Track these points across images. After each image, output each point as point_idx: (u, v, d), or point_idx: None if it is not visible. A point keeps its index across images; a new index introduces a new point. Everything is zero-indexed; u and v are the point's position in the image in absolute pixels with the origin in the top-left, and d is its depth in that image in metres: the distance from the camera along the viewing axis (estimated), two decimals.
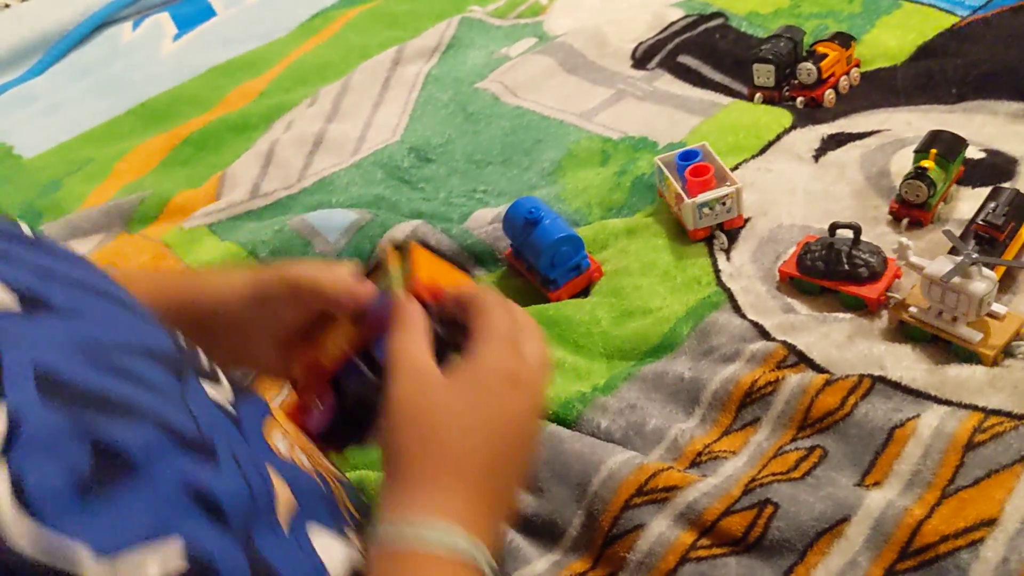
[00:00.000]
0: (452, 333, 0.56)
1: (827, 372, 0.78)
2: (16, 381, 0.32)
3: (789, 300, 0.88)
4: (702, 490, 0.68)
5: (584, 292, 0.97)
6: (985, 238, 0.81)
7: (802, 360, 0.80)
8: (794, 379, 0.76)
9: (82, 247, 1.24)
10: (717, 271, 0.94)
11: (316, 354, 0.60)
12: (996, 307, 0.77)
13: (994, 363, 0.75)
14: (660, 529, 0.67)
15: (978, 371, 0.74)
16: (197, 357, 0.48)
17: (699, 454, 0.74)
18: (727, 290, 0.91)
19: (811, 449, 0.71)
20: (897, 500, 0.65)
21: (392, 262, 0.61)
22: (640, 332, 0.89)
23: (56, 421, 0.32)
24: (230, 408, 0.46)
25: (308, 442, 0.57)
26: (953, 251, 0.78)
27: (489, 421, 0.48)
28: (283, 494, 0.44)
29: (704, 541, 0.66)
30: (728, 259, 0.95)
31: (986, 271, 0.75)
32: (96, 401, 0.34)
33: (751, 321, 0.86)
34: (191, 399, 0.41)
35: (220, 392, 0.47)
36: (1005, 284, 0.82)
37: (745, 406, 0.77)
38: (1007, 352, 0.76)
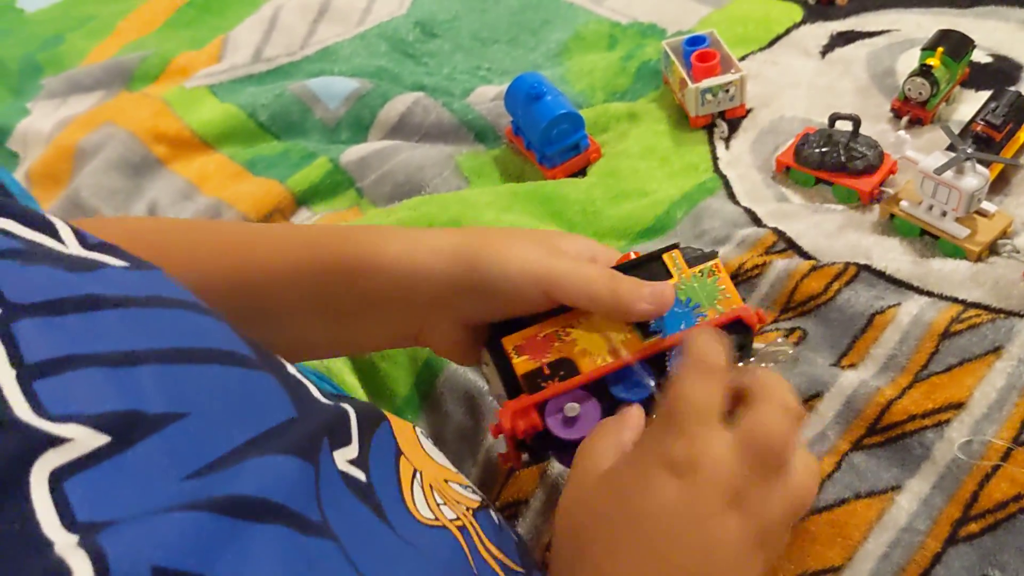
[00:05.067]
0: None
1: (814, 259, 0.79)
2: None
3: (784, 190, 0.89)
4: None
5: (581, 173, 0.97)
6: (983, 137, 0.81)
7: (791, 247, 0.81)
8: (781, 263, 0.77)
9: (83, 103, 1.23)
10: (715, 158, 0.94)
11: (563, 348, 0.52)
12: (986, 205, 0.77)
13: (978, 259, 0.76)
14: None
15: (962, 266, 0.75)
16: (324, 412, 0.42)
17: None
18: (723, 177, 0.91)
19: (791, 330, 0.73)
20: (870, 381, 0.67)
21: (682, 269, 0.53)
22: (634, 213, 0.89)
23: None
24: (361, 476, 0.41)
25: (439, 474, 0.50)
26: (950, 148, 0.78)
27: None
28: None
29: None
30: (727, 147, 0.95)
31: (979, 168, 0.75)
32: None
33: (744, 207, 0.87)
34: (325, 497, 0.36)
35: (350, 452, 0.41)
36: (998, 185, 0.82)
37: None
38: (992, 250, 0.77)
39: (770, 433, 0.41)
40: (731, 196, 0.89)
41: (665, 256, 0.54)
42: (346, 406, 0.43)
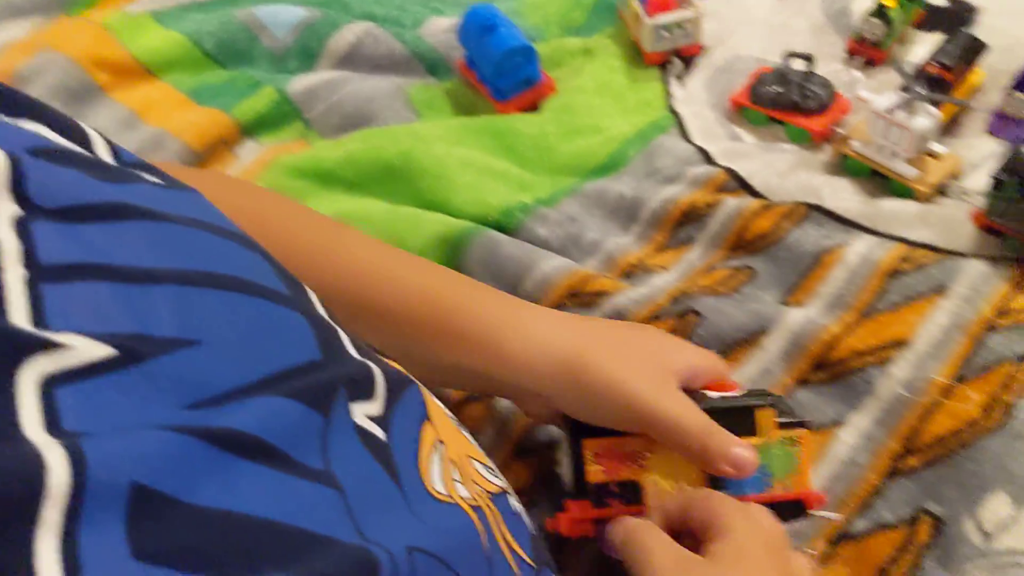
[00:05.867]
0: None
1: (765, 198, 0.79)
2: (100, 517, 0.24)
3: (737, 129, 0.89)
4: (630, 297, 0.70)
5: (534, 108, 0.95)
6: (935, 79, 0.81)
7: (742, 186, 0.81)
8: (732, 202, 0.77)
9: (18, 28, 1.18)
10: (669, 96, 0.93)
11: (637, 471, 0.54)
12: (936, 146, 0.78)
13: (927, 200, 0.76)
14: None
15: (910, 206, 0.75)
16: (350, 364, 0.39)
17: (632, 267, 0.76)
18: (677, 115, 0.91)
19: (740, 268, 0.73)
20: (817, 318, 0.67)
21: (770, 430, 0.54)
22: (587, 150, 0.88)
23: None
24: (380, 434, 0.39)
25: (464, 450, 0.48)
26: (903, 88, 0.78)
27: None
28: None
29: None
30: (681, 85, 0.94)
31: (931, 108, 0.75)
32: (213, 535, 0.27)
33: (697, 146, 0.86)
34: (333, 447, 0.34)
35: (371, 408, 0.39)
36: (949, 127, 0.83)
37: (681, 225, 0.78)
38: (941, 191, 0.77)
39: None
40: (684, 134, 0.88)
41: (759, 412, 0.54)
42: (373, 365, 0.41)
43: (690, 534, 0.49)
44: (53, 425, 0.25)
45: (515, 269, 0.72)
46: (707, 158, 0.85)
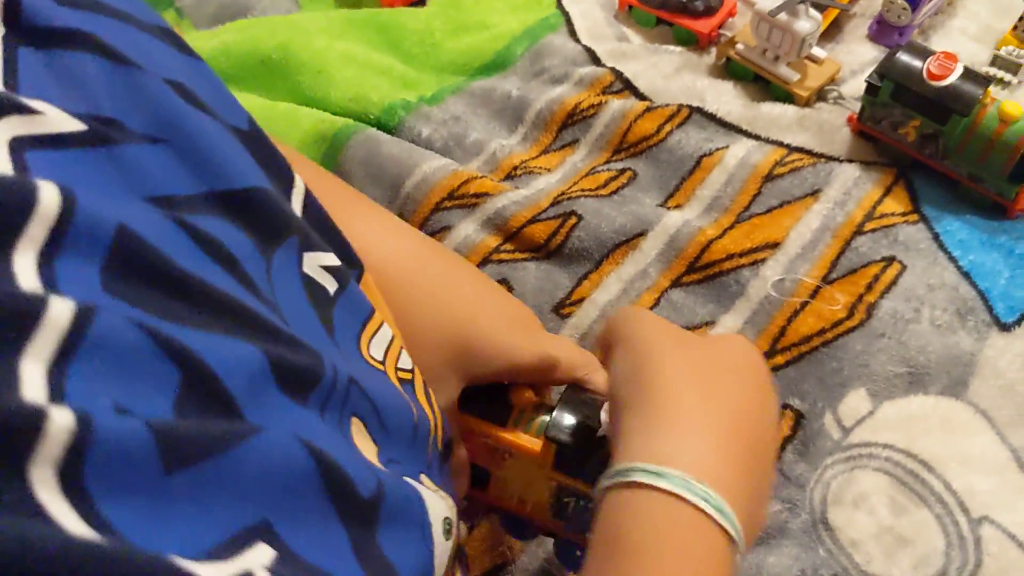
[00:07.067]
0: None
1: (649, 100, 0.78)
2: (82, 249, 0.24)
3: (625, 29, 0.88)
4: (512, 199, 0.69)
5: (421, 2, 0.93)
6: None
7: (627, 87, 0.80)
8: (616, 104, 0.77)
9: None
10: None
11: (493, 462, 0.49)
12: (817, 51, 0.78)
13: (806, 104, 0.77)
14: (467, 231, 0.68)
15: (789, 110, 0.76)
16: (300, 223, 0.38)
17: (515, 168, 0.75)
18: (566, 13, 0.89)
19: (622, 171, 0.73)
20: (694, 221, 0.68)
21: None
22: (474, 47, 0.86)
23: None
24: (330, 287, 0.38)
25: (397, 343, 0.46)
26: None
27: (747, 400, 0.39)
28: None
29: (508, 246, 0.68)
30: None
31: (813, 12, 0.75)
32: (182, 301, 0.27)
33: (584, 46, 0.85)
34: (277, 287, 0.34)
35: (327, 259, 0.38)
36: (830, 32, 0.83)
37: (566, 127, 0.77)
38: (820, 96, 0.78)
39: None
40: (572, 33, 0.87)
41: None
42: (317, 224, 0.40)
43: None
44: (25, 172, 0.25)
45: (396, 169, 0.71)
46: (594, 59, 0.84)
